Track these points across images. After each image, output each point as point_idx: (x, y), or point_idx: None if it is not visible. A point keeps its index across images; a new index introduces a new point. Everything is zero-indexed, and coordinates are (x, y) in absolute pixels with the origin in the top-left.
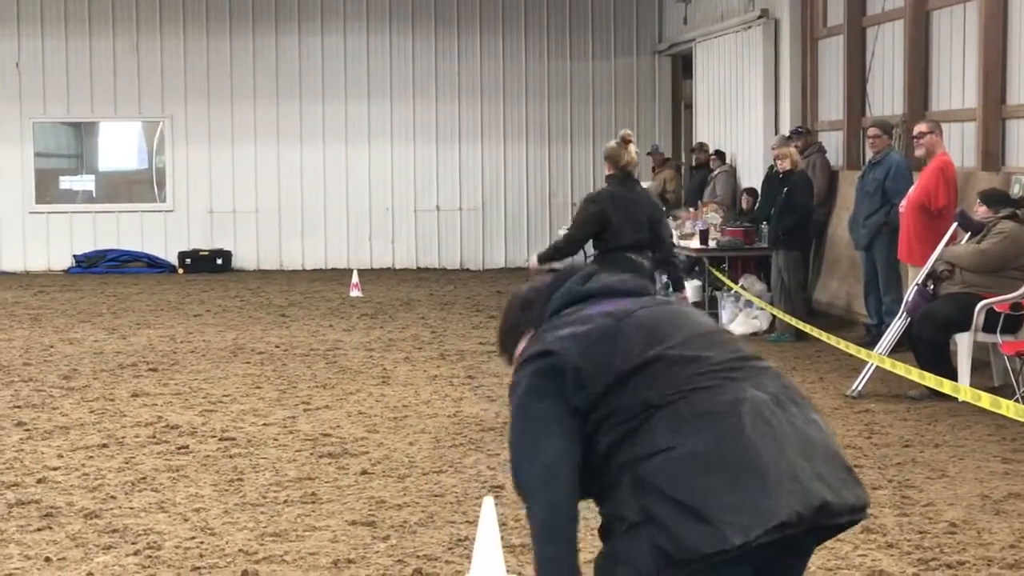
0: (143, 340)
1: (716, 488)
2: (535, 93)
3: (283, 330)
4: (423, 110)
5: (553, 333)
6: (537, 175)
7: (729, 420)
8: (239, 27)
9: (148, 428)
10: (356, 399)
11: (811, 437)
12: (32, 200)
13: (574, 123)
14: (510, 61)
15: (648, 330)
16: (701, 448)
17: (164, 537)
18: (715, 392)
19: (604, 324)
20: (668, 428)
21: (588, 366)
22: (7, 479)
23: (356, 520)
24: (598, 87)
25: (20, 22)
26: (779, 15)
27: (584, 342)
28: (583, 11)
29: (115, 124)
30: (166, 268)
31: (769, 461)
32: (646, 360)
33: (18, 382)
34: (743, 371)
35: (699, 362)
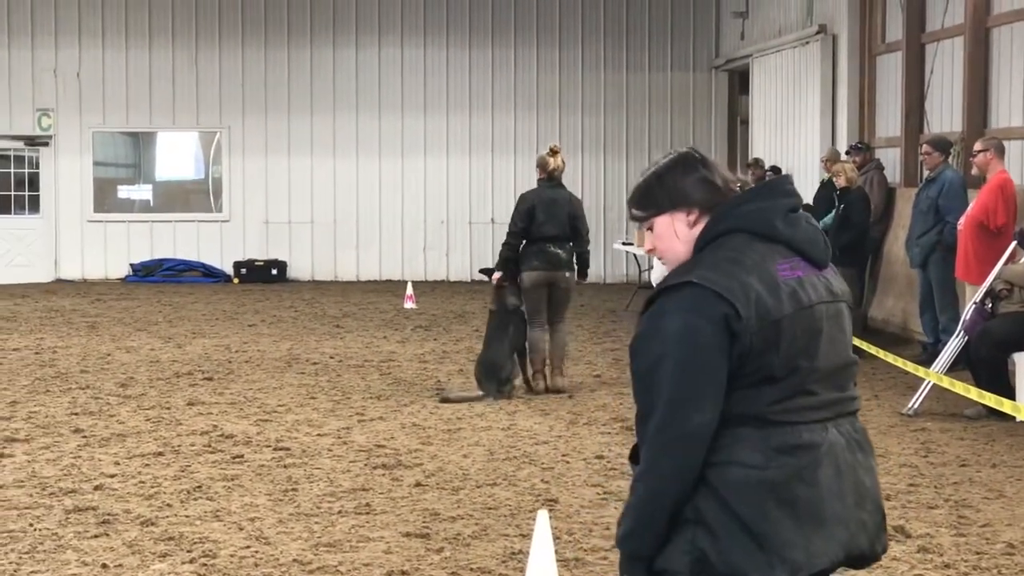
0: (199, 349)
1: (781, 521)
2: (591, 105)
3: (337, 341)
4: (479, 122)
5: (735, 276)
6: (592, 187)
7: (808, 459)
8: (297, 39)
9: (204, 437)
10: (410, 411)
11: (866, 486)
12: (91, 209)
13: (629, 136)
14: (566, 73)
15: (809, 338)
16: (779, 479)
17: (219, 546)
18: (804, 430)
19: (788, 309)
20: (754, 446)
21: (760, 344)
22: (65, 485)
23: (410, 532)
24: (654, 100)
25: (81, 33)
26: (837, 31)
27: (764, 318)
28: (640, 24)
29: (172, 134)
30: (221, 278)
31: (829, 508)
32: (790, 371)
33: (76, 389)
34: (836, 409)
35: (813, 397)
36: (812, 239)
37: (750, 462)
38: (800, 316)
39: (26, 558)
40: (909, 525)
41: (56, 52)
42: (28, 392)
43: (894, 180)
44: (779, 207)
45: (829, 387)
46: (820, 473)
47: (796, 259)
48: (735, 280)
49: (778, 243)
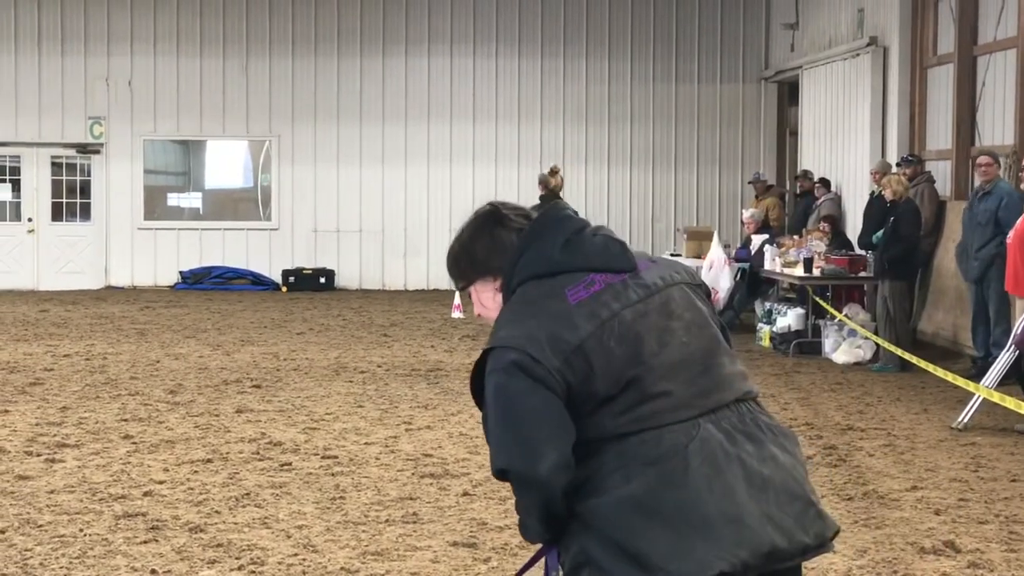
0: (247, 357)
1: (654, 534)
2: (640, 117)
3: (385, 350)
4: (528, 132)
5: (524, 324)
6: (640, 199)
7: (673, 463)
8: (347, 48)
9: (252, 444)
10: (457, 420)
11: (765, 475)
12: (141, 216)
13: (678, 148)
14: (616, 84)
15: (630, 344)
16: (640, 492)
17: (267, 553)
18: (665, 432)
19: (585, 332)
20: (615, 466)
21: (572, 378)
22: (115, 491)
23: (457, 541)
24: (703, 112)
25: (133, 41)
26: (888, 43)
27: (563, 351)
28: (690, 35)
29: (222, 142)
30: (270, 286)
31: (711, 507)
32: (623, 386)
33: (125, 396)
34: (706, 403)
35: (665, 398)
36: (602, 251)
37: (612, 484)
38: (606, 330)
39: (76, 563)
40: (959, 540)
41: (108, 60)
42: (79, 398)
43: (944, 193)
44: (554, 242)
45: (685, 382)
46: (691, 475)
47: (592, 276)
48: (521, 328)
49: (564, 273)
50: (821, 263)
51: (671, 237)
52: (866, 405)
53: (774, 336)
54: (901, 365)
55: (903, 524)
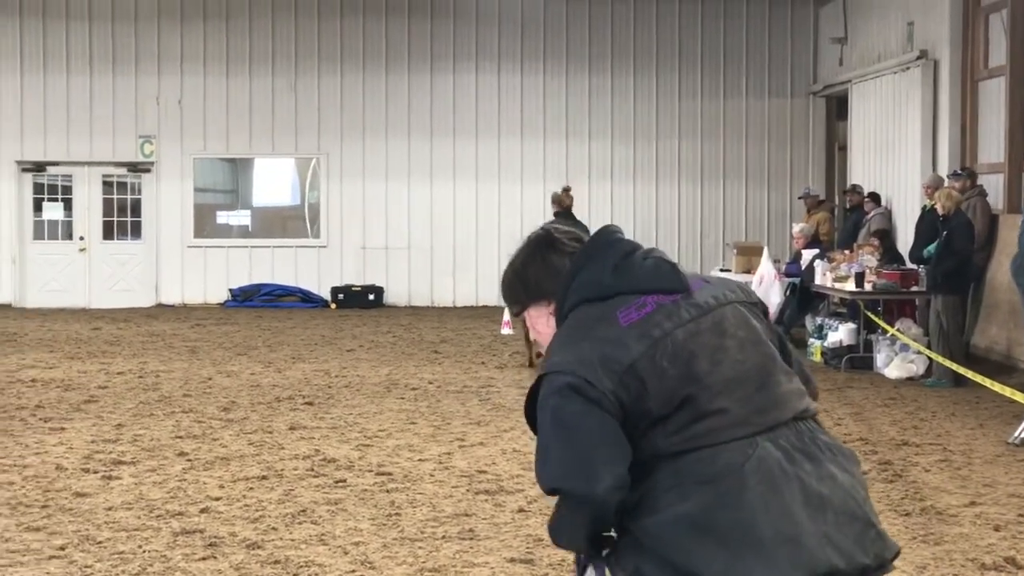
0: (298, 374)
1: (709, 554)
2: (688, 132)
3: (436, 367)
4: (576, 149)
5: (577, 347)
6: (689, 214)
7: (729, 481)
8: (395, 65)
9: (306, 461)
10: (511, 437)
11: (823, 495)
12: (191, 234)
13: (727, 163)
14: (664, 100)
15: (684, 363)
16: (696, 511)
17: (325, 569)
18: (721, 450)
19: (637, 352)
20: (669, 484)
21: (625, 398)
22: (172, 508)
23: (514, 557)
24: (751, 127)
25: (183, 60)
26: (938, 56)
27: (616, 372)
28: (738, 51)
29: (269, 160)
30: (319, 303)
31: (768, 527)
32: (678, 404)
33: (179, 413)
34: (764, 421)
35: (720, 415)
36: (653, 273)
37: (667, 502)
38: (658, 349)
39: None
40: (1020, 556)
41: (159, 79)
42: (133, 415)
43: (997, 206)
44: (605, 265)
45: (741, 399)
46: (747, 495)
47: (644, 298)
48: (574, 352)
49: (616, 296)
50: (873, 278)
51: (720, 252)
52: (920, 420)
53: (825, 351)
54: (955, 380)
55: (962, 540)
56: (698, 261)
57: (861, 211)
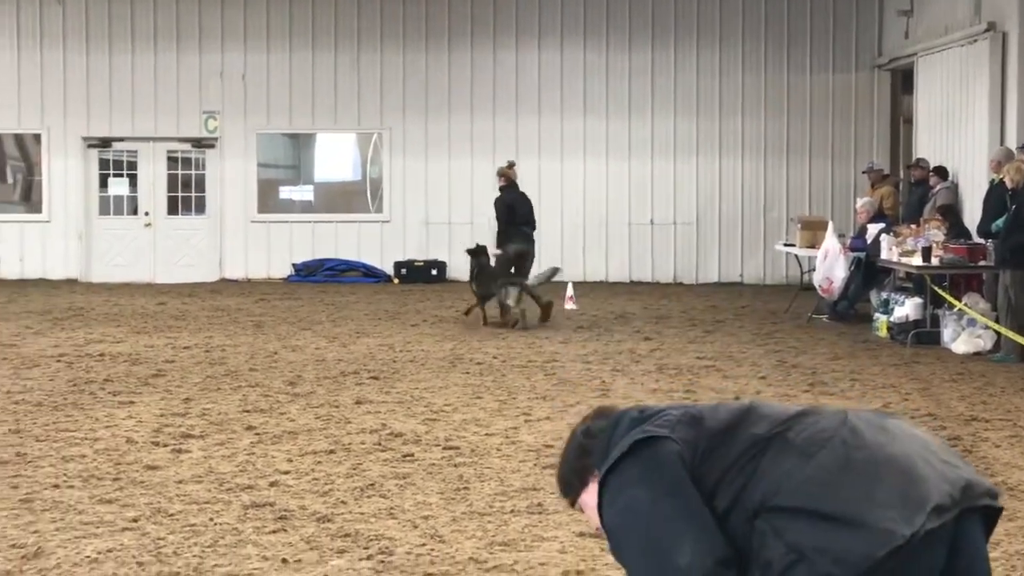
0: (363, 348)
1: (860, 491)
2: (751, 107)
3: (500, 341)
4: (638, 125)
5: (633, 434)
6: (752, 189)
7: (844, 432)
8: (458, 41)
9: (373, 435)
10: (576, 411)
11: (923, 437)
12: (254, 209)
13: (790, 137)
14: (727, 75)
15: (724, 407)
16: (830, 459)
17: (395, 543)
18: (816, 419)
19: (682, 412)
20: (786, 455)
21: (686, 437)
22: (241, 481)
23: (584, 532)
24: (815, 101)
25: (247, 37)
26: (1007, 28)
27: (670, 423)
28: (801, 24)
29: (331, 135)
30: (382, 278)
31: (900, 454)
32: (739, 413)
33: (246, 387)
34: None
35: (789, 408)
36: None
37: (790, 467)
38: (703, 409)
39: (208, 551)
40: None
41: (222, 56)
42: (200, 389)
43: None
44: (630, 416)
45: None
46: (866, 436)
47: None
48: (629, 436)
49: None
50: (939, 252)
51: (784, 227)
52: (989, 395)
53: (891, 326)
54: (1022, 355)
55: None
56: (761, 236)
57: (926, 185)
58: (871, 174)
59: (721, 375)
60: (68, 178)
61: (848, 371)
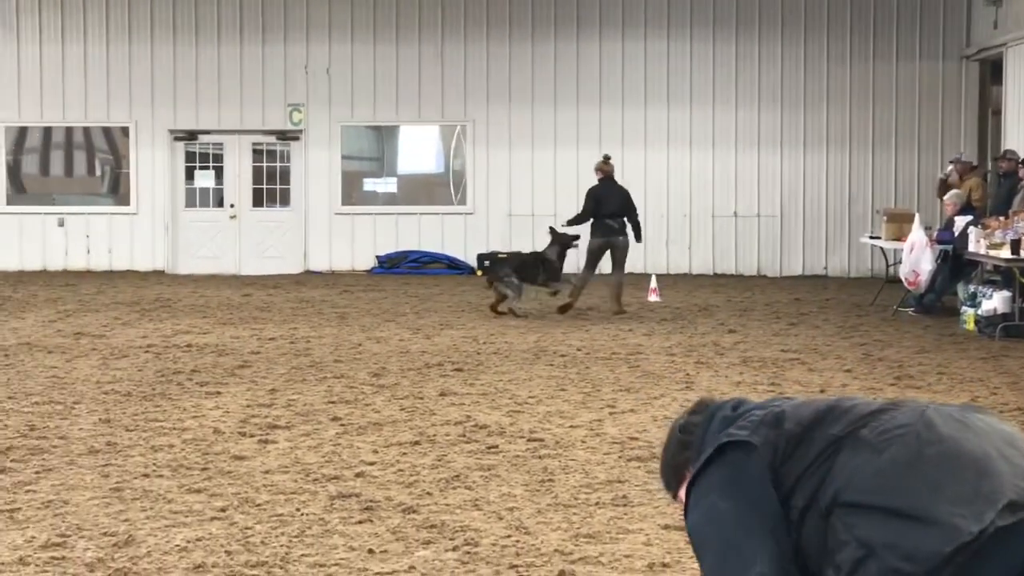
0: (447, 340)
1: (930, 486)
2: (836, 98)
3: (584, 333)
4: (722, 116)
5: (718, 437)
6: (837, 182)
7: (918, 426)
8: (541, 32)
9: (457, 427)
10: (660, 403)
11: (1007, 431)
12: (338, 201)
13: (876, 129)
14: (811, 65)
15: (810, 404)
16: (901, 454)
17: (481, 534)
18: (894, 413)
19: (766, 412)
20: (859, 451)
21: (767, 438)
22: (327, 472)
23: (669, 524)
24: (901, 92)
25: (331, 29)
26: None
27: (753, 425)
28: (888, 14)
29: (413, 128)
30: (465, 270)
31: (975, 449)
32: (822, 412)
33: (331, 378)
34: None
35: (870, 404)
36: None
37: (863, 462)
38: (787, 405)
39: (296, 541)
40: None
41: (307, 48)
42: (286, 380)
43: None
44: (724, 412)
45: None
46: (942, 429)
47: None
48: (715, 438)
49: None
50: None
51: (869, 219)
52: None
53: (979, 319)
54: None
55: None
56: (846, 228)
57: (1015, 177)
58: (958, 165)
59: (806, 368)
60: (155, 170)
61: (935, 365)
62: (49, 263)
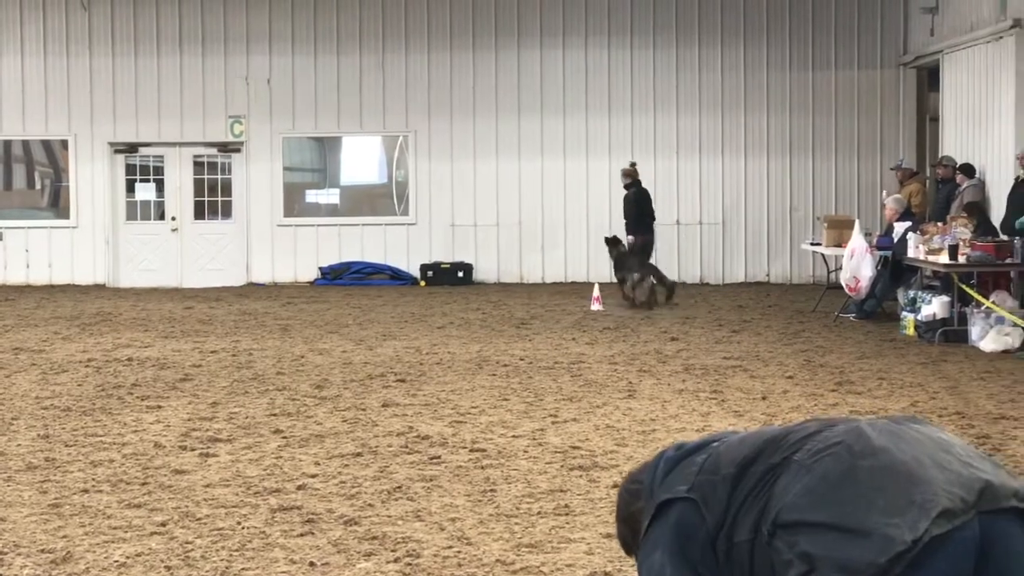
0: (390, 351)
1: (863, 497)
2: (776, 105)
3: (526, 343)
4: (664, 123)
5: (659, 495)
6: (778, 188)
7: (850, 440)
8: (482, 42)
9: (400, 438)
10: (603, 412)
11: (944, 439)
12: (280, 213)
13: (816, 135)
14: (751, 72)
15: (746, 441)
16: (833, 468)
17: (422, 545)
18: (827, 432)
19: (706, 458)
20: (795, 473)
21: (705, 489)
22: (269, 485)
23: (611, 533)
24: (841, 99)
25: (272, 40)
26: None
27: (692, 475)
28: (826, 22)
29: (355, 139)
30: (408, 280)
31: (909, 458)
32: (761, 445)
33: (273, 391)
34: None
35: (805, 428)
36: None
37: (798, 484)
38: (720, 444)
39: (236, 555)
40: None
41: (248, 59)
42: (228, 393)
43: None
44: (668, 454)
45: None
46: (875, 441)
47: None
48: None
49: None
50: (966, 250)
51: (810, 226)
52: (1018, 394)
53: (919, 324)
54: None
55: None
56: (787, 235)
57: (953, 183)
58: (899, 171)
59: (748, 375)
60: (95, 184)
61: (875, 370)
62: None
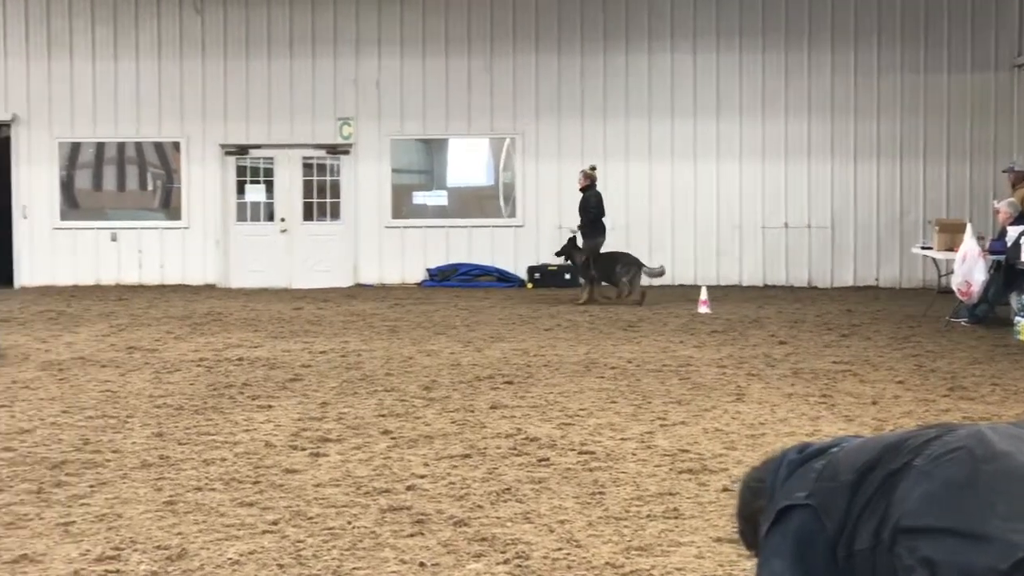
0: (497, 353)
1: (984, 502)
2: (887, 108)
3: (634, 345)
4: (772, 126)
5: (780, 499)
6: (888, 192)
7: (972, 445)
8: (590, 45)
9: (508, 440)
10: (712, 416)
11: None
12: (388, 215)
13: (927, 139)
14: (862, 75)
15: (865, 447)
16: (955, 474)
17: (532, 547)
18: (947, 437)
19: (825, 463)
20: (915, 478)
21: (825, 495)
22: (378, 485)
23: (721, 537)
24: (953, 102)
25: (381, 43)
26: None
27: (812, 481)
28: (939, 24)
29: (464, 140)
30: (515, 282)
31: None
32: (877, 453)
33: (381, 391)
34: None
35: (925, 434)
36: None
37: (918, 488)
38: (840, 451)
39: (347, 555)
40: None
41: (357, 61)
42: (337, 394)
43: None
44: (790, 455)
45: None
46: (998, 445)
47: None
48: (775, 503)
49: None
50: None
51: (921, 230)
52: None
53: None
54: None
55: None
56: (897, 239)
57: None
58: (1012, 175)
59: (858, 379)
60: (206, 185)
61: (988, 376)
62: (102, 278)
